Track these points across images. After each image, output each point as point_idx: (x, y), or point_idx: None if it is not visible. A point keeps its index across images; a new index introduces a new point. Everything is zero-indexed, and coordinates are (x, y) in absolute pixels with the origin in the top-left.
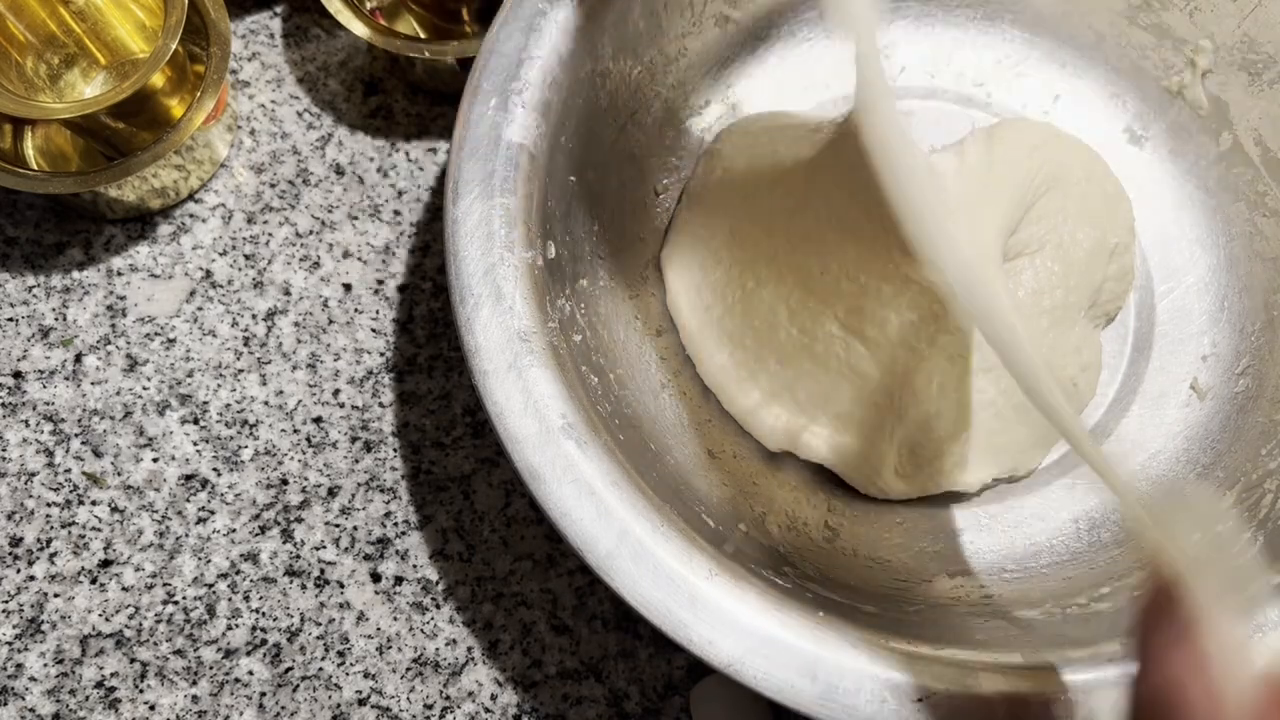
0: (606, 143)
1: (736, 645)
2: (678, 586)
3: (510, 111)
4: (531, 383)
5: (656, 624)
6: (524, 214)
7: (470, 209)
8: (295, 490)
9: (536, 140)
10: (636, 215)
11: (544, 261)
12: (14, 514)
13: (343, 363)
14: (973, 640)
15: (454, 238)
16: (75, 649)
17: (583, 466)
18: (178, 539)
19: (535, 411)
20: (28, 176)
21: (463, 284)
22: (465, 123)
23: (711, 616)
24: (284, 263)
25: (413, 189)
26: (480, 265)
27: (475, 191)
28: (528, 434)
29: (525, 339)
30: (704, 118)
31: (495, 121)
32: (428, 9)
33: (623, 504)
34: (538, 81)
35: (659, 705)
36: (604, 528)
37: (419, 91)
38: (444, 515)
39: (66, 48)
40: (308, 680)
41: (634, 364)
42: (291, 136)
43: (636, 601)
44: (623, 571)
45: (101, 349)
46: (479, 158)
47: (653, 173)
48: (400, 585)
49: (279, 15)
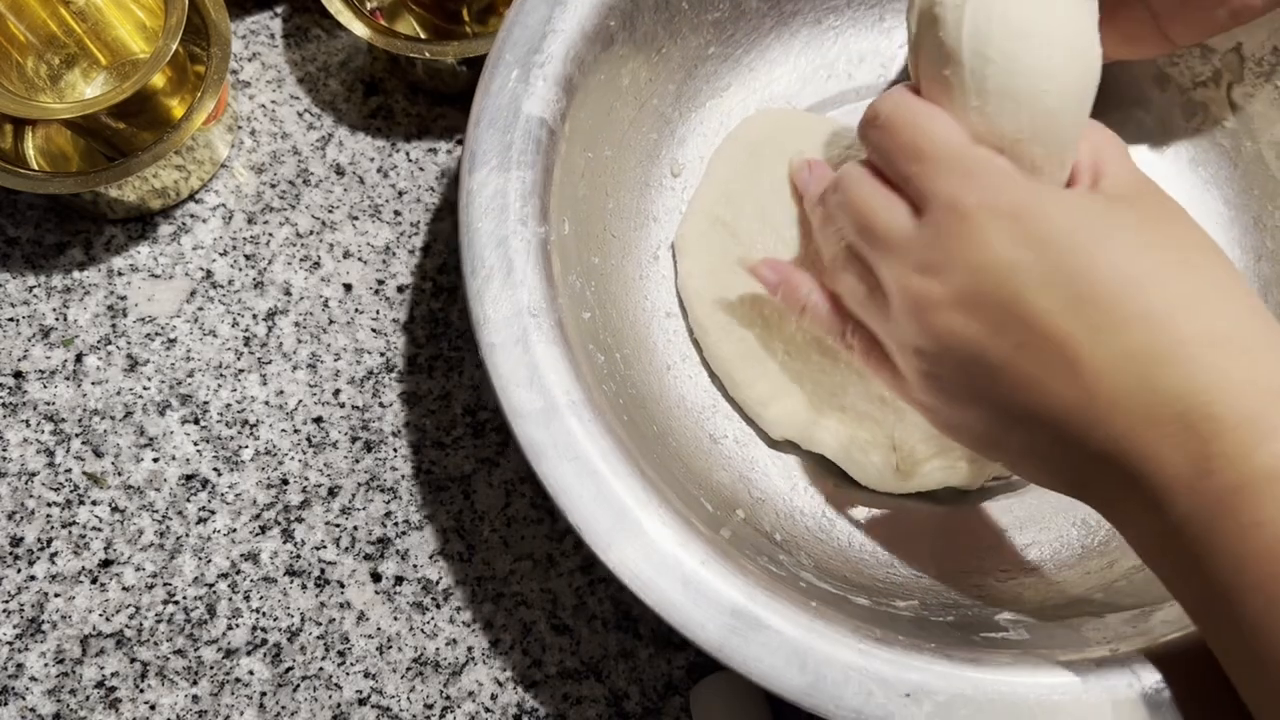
0: (625, 121)
1: (727, 630)
2: (672, 569)
3: (531, 84)
4: (538, 358)
5: (649, 603)
6: (540, 188)
7: (486, 180)
8: (295, 490)
9: (556, 115)
10: (652, 195)
11: (557, 237)
12: (14, 514)
13: (343, 363)
14: (966, 640)
15: (468, 208)
16: (76, 649)
17: (584, 444)
18: (178, 539)
19: (540, 387)
20: (28, 176)
21: (475, 255)
22: (485, 92)
23: (704, 600)
24: (284, 263)
25: (413, 189)
26: (493, 238)
27: (492, 162)
28: (532, 409)
29: (534, 314)
30: (725, 100)
31: (516, 93)
32: (428, 9)
33: (621, 484)
34: (560, 55)
35: (659, 705)
36: (603, 507)
37: (419, 92)
38: (444, 515)
39: (67, 48)
40: (308, 680)
41: (641, 345)
42: (292, 137)
43: (631, 581)
44: (619, 551)
45: (102, 349)
46: (498, 128)
47: (670, 153)
48: (400, 585)
49: (279, 15)
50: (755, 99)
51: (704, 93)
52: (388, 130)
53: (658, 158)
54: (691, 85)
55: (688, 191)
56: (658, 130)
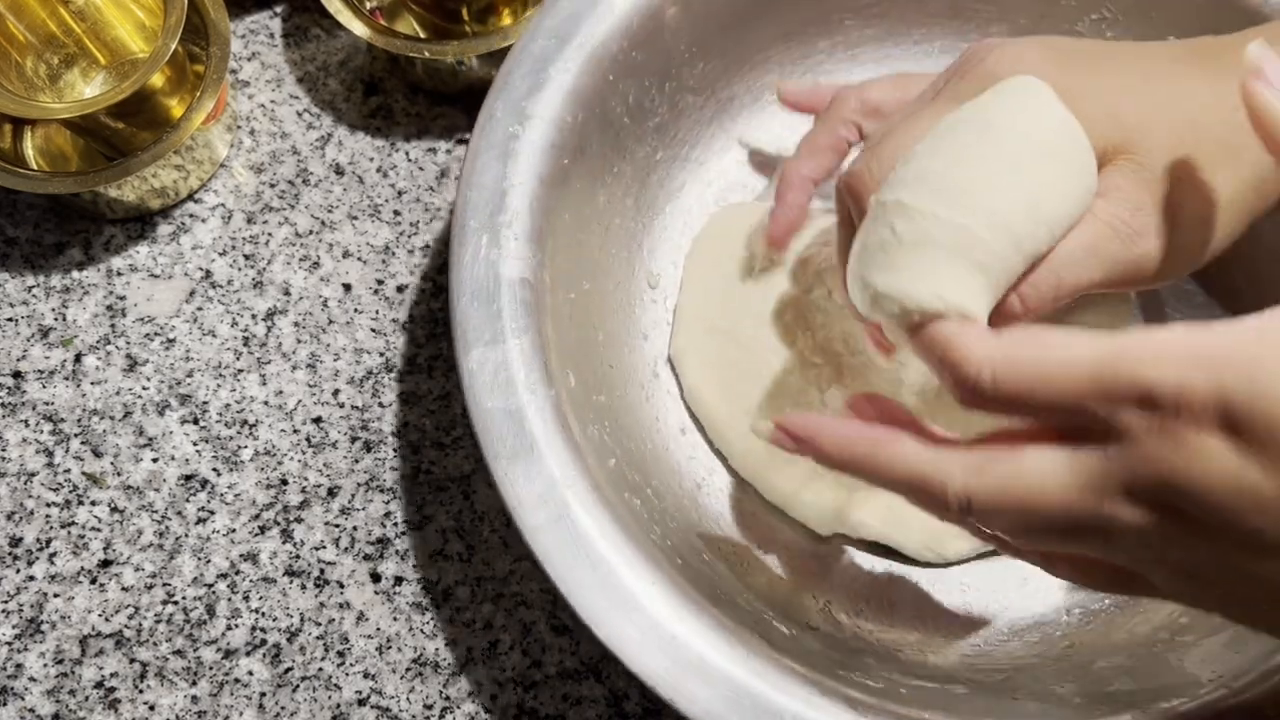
0: (594, 248)
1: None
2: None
3: (503, 246)
4: (582, 532)
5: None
6: (539, 350)
7: (485, 358)
8: (295, 490)
9: (535, 269)
10: (636, 314)
11: (565, 393)
12: (14, 514)
13: (342, 363)
14: (1054, 695)
15: (472, 389)
16: (75, 649)
17: (652, 610)
18: (177, 539)
19: (589, 561)
20: (28, 176)
21: (493, 438)
22: (459, 264)
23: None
24: (284, 263)
25: (413, 189)
26: (505, 415)
27: (486, 338)
28: (587, 586)
29: (568, 485)
30: (682, 200)
31: (490, 259)
32: (428, 9)
33: (704, 641)
34: (525, 208)
35: (659, 705)
36: (696, 680)
37: (419, 91)
38: (444, 515)
39: (66, 48)
40: (308, 680)
41: (667, 471)
42: (291, 136)
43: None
44: (717, 712)
45: (101, 349)
46: (482, 300)
47: (643, 267)
48: (400, 585)
49: (279, 15)
50: (711, 191)
51: (660, 198)
52: (387, 130)
53: (633, 275)
54: (647, 194)
55: (669, 299)
56: (627, 248)
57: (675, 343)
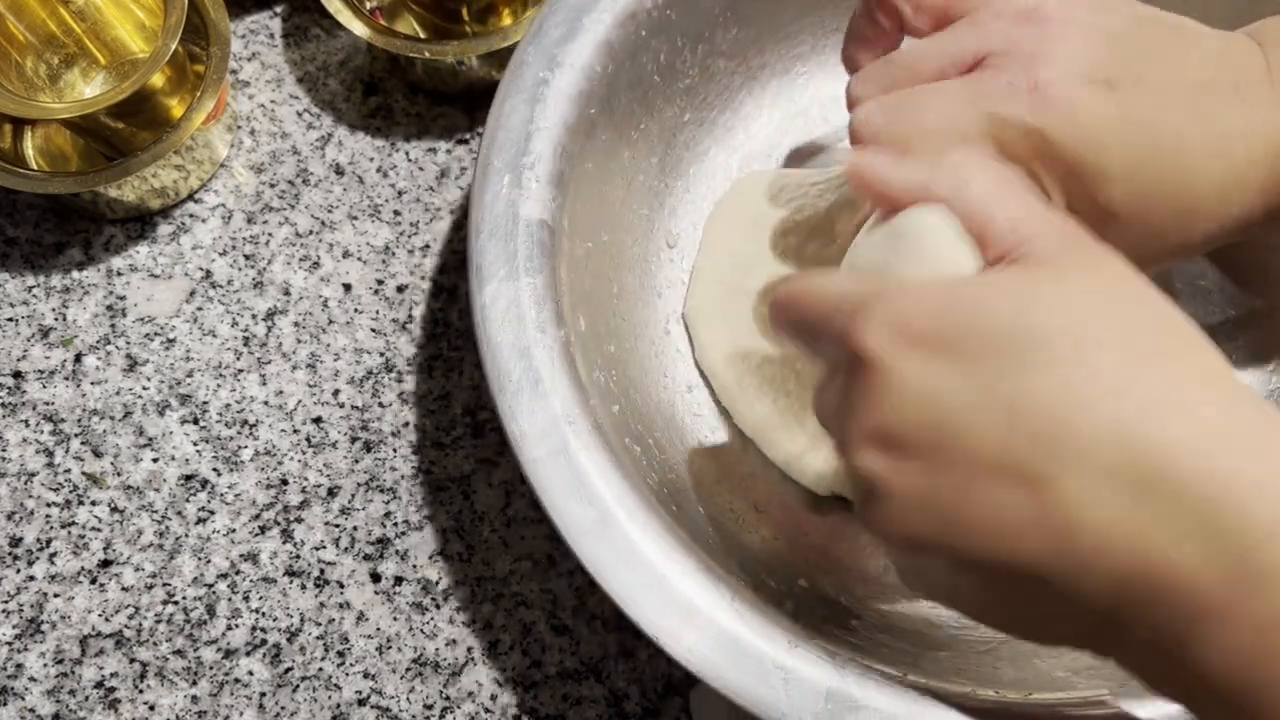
0: (616, 202)
1: (827, 716)
2: (759, 661)
3: (525, 187)
4: (581, 468)
5: (743, 704)
6: (552, 291)
7: (498, 293)
8: (295, 490)
9: (554, 213)
10: (652, 271)
11: (575, 336)
12: (14, 514)
13: (343, 363)
14: (1052, 678)
15: (484, 323)
16: (75, 649)
17: (646, 551)
18: (177, 539)
19: (590, 496)
20: (28, 176)
21: (499, 371)
22: (480, 202)
23: (796, 688)
24: (284, 263)
25: (412, 189)
26: (515, 350)
27: (501, 274)
28: (585, 521)
29: (570, 422)
30: (708, 164)
31: (511, 199)
32: (428, 9)
33: (691, 583)
34: (549, 153)
35: (659, 705)
36: (674, 611)
37: (419, 91)
38: (444, 515)
39: (66, 48)
40: (308, 680)
41: (670, 425)
42: (291, 136)
43: (722, 686)
44: (701, 653)
45: (101, 349)
46: (499, 238)
47: (663, 225)
48: (400, 585)
49: (279, 15)
50: (736, 158)
51: (685, 160)
52: (387, 130)
53: (652, 232)
54: (673, 155)
55: (686, 260)
56: (648, 205)
57: (690, 301)
